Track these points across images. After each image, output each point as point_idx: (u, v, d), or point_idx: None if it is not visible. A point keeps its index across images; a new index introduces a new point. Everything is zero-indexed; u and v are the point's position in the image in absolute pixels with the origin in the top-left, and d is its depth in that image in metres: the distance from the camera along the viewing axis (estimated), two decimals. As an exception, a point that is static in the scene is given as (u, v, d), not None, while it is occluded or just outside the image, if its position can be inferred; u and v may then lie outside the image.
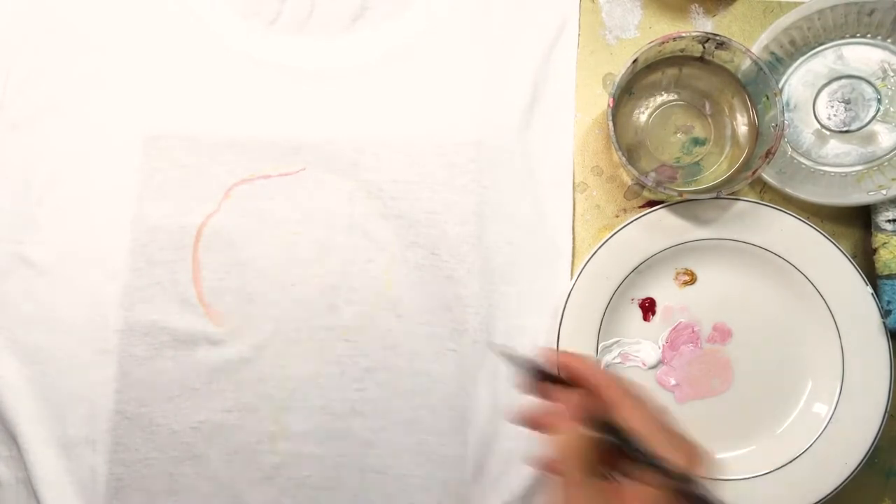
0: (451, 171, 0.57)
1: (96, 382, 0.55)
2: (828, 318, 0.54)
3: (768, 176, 0.55)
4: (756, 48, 0.55)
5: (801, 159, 0.56)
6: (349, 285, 0.56)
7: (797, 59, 0.57)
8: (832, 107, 0.56)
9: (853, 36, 0.56)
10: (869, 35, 0.56)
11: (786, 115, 0.53)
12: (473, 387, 0.55)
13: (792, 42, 0.56)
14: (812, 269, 0.55)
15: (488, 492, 0.55)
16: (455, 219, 0.56)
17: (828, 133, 0.56)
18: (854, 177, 0.56)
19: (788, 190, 0.55)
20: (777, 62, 0.56)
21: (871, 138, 0.56)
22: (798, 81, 0.57)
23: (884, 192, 0.54)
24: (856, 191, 0.55)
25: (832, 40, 0.56)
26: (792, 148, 0.56)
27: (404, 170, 0.57)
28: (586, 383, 0.43)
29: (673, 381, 0.55)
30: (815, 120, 0.56)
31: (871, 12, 0.54)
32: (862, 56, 0.56)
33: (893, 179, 0.54)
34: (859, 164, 0.56)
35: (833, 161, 0.56)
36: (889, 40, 0.55)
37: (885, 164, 0.55)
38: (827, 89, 0.56)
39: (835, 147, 0.56)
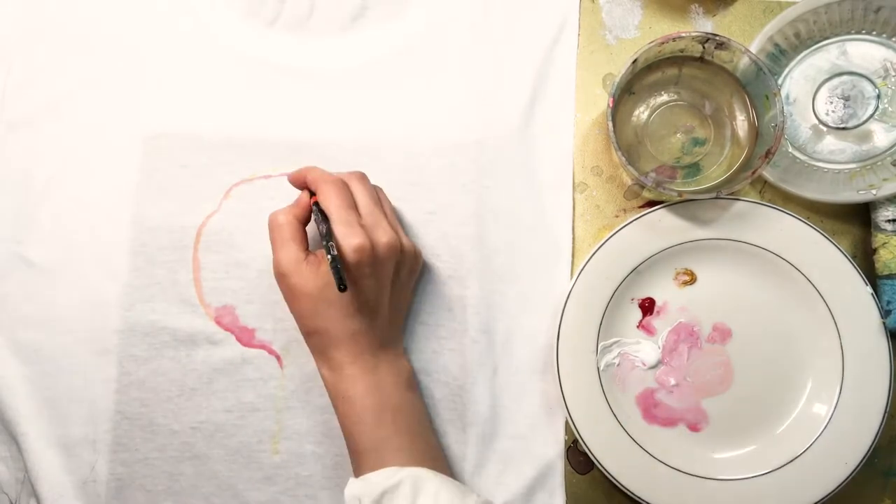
0: (452, 171, 0.57)
1: (96, 382, 0.55)
2: (828, 318, 0.54)
3: (765, 170, 0.55)
4: (761, 38, 0.55)
5: (797, 154, 0.56)
6: (349, 285, 0.56)
7: (801, 52, 0.57)
8: (831, 103, 0.56)
9: (858, 32, 0.56)
10: (874, 32, 0.56)
11: (785, 108, 0.53)
12: (473, 387, 0.55)
13: (797, 35, 0.56)
14: (812, 269, 0.54)
15: (488, 492, 0.55)
16: (455, 219, 0.56)
17: (825, 129, 0.56)
18: (847, 174, 0.56)
19: (784, 185, 0.55)
20: (780, 54, 0.56)
21: (866, 137, 0.56)
22: (800, 75, 0.57)
23: (874, 191, 0.54)
24: (847, 189, 0.55)
25: (837, 35, 0.56)
26: (788, 142, 0.56)
27: (404, 170, 0.57)
28: (309, 184, 0.52)
29: (672, 381, 0.55)
30: (813, 115, 0.56)
31: (878, 9, 0.54)
32: (865, 53, 0.56)
33: (885, 180, 0.54)
34: (853, 162, 0.56)
35: (827, 157, 0.56)
36: (894, 39, 0.55)
37: (878, 163, 0.55)
38: (827, 85, 0.56)
39: (830, 143, 0.56)
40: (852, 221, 0.57)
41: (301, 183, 0.52)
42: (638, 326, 0.56)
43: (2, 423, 0.55)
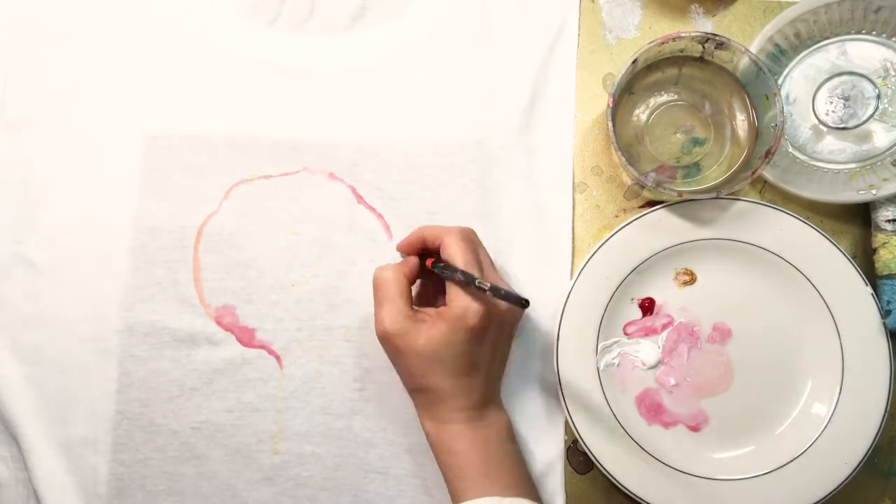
0: (452, 171, 0.57)
1: (96, 383, 0.55)
2: (828, 318, 0.54)
3: (765, 170, 0.55)
4: (761, 38, 0.55)
5: (797, 154, 0.56)
6: (349, 285, 0.56)
7: (801, 52, 0.57)
8: (831, 103, 0.56)
9: (858, 32, 0.56)
10: (874, 32, 0.56)
11: (785, 108, 0.53)
12: (473, 387, 0.55)
13: (797, 35, 0.56)
14: (812, 269, 0.54)
15: (488, 492, 0.55)
16: (455, 219, 0.56)
17: (825, 129, 0.56)
18: (847, 174, 0.56)
19: (784, 185, 0.55)
20: (780, 54, 0.56)
21: (866, 137, 0.56)
22: (800, 75, 0.57)
23: (874, 191, 0.54)
24: (847, 189, 0.55)
25: (837, 35, 0.56)
26: (789, 142, 0.56)
27: (404, 170, 0.57)
28: (428, 241, 0.52)
29: (672, 381, 0.55)
30: (813, 115, 0.56)
31: (878, 9, 0.54)
32: (865, 53, 0.56)
33: (885, 180, 0.54)
34: (853, 162, 0.56)
35: (827, 157, 0.56)
36: (894, 39, 0.55)
37: (878, 163, 0.55)
38: (827, 85, 0.56)
39: (830, 143, 0.56)
40: (852, 221, 0.57)
41: (417, 247, 0.52)
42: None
43: (2, 423, 0.55)
